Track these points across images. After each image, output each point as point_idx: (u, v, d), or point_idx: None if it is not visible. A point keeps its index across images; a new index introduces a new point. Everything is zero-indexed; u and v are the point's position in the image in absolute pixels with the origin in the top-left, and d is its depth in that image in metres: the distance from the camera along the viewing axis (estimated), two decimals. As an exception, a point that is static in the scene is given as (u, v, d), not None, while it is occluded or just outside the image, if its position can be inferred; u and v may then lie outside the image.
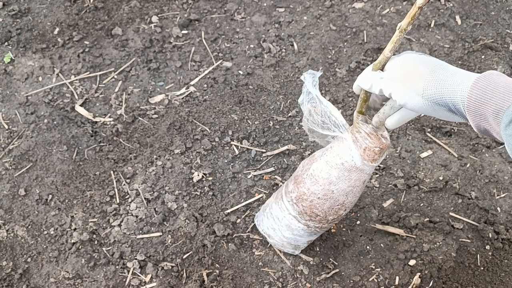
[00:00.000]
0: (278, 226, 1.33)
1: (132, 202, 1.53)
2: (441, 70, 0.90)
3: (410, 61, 0.94)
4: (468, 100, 0.83)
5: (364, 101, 1.09)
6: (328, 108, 1.15)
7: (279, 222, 1.32)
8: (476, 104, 0.82)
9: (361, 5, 1.99)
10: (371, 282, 1.39)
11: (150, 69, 1.82)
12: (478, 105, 0.82)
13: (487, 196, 1.56)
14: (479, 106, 0.82)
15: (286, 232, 1.33)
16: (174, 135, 1.67)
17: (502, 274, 1.43)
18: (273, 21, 1.95)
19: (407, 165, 1.61)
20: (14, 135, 1.67)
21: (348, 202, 1.21)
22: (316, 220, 1.25)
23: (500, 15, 2.00)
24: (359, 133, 1.11)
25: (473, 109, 0.83)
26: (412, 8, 0.91)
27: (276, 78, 1.80)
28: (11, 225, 1.50)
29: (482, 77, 0.84)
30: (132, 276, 1.41)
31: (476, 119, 0.84)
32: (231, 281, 1.40)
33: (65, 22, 1.94)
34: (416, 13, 0.91)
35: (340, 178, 1.16)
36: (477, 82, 0.83)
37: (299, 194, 1.23)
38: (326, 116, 1.15)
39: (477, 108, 0.83)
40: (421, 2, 0.89)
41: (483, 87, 0.82)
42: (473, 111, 0.83)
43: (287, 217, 1.29)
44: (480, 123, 0.84)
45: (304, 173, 1.22)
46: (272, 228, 1.36)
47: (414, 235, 1.46)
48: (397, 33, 0.94)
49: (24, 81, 1.79)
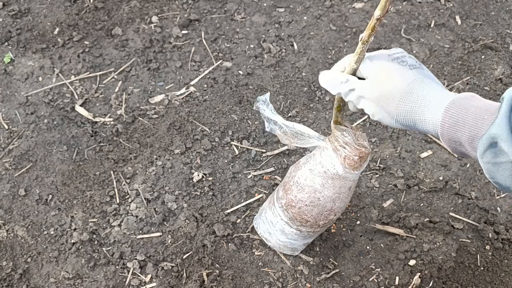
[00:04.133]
0: (273, 231, 1.33)
1: (132, 202, 1.53)
2: (415, 91, 0.87)
3: (385, 75, 0.90)
4: (441, 127, 0.82)
5: (338, 111, 1.09)
6: (295, 128, 1.15)
7: (273, 226, 1.32)
8: (450, 131, 0.81)
9: (361, 5, 1.99)
10: (371, 282, 1.39)
11: (150, 69, 1.82)
12: (452, 132, 0.81)
13: (487, 196, 1.56)
14: (453, 134, 0.81)
15: (281, 236, 1.33)
16: (174, 135, 1.67)
17: (502, 274, 1.43)
18: (273, 21, 1.95)
19: (407, 165, 1.61)
20: (14, 135, 1.67)
21: (336, 208, 1.21)
22: (307, 225, 1.25)
23: (500, 15, 2.00)
24: (337, 142, 1.11)
25: (447, 136, 0.82)
26: (371, 19, 0.89)
27: (276, 78, 1.80)
28: (11, 225, 1.50)
29: (452, 104, 0.81)
30: (132, 276, 1.41)
31: (452, 145, 0.83)
32: (231, 281, 1.40)
33: (65, 22, 1.94)
34: (375, 25, 0.89)
35: (324, 185, 1.15)
36: (447, 110, 0.81)
37: (288, 201, 1.23)
38: (299, 135, 1.16)
39: (451, 136, 0.81)
40: (378, 14, 0.87)
41: (454, 114, 0.80)
42: (448, 138, 0.82)
43: (279, 222, 1.29)
44: (456, 148, 0.83)
45: (290, 180, 1.22)
46: (268, 232, 1.36)
47: (414, 235, 1.46)
48: (360, 44, 0.92)
49: (24, 81, 1.79)
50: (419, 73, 0.90)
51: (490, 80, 1.81)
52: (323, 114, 1.71)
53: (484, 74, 1.82)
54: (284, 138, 1.18)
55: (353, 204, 1.53)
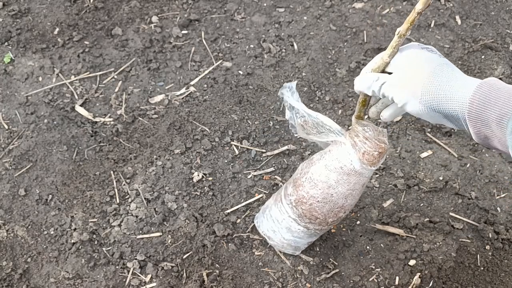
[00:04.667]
0: (278, 228, 1.33)
1: (132, 202, 1.53)
2: (442, 73, 0.89)
3: (412, 60, 0.93)
4: (469, 106, 0.82)
5: (362, 106, 1.09)
6: (319, 119, 1.15)
7: (279, 224, 1.32)
8: (479, 109, 0.81)
9: (361, 5, 1.99)
10: (371, 282, 1.39)
11: (150, 69, 1.82)
12: (481, 110, 0.81)
13: (487, 196, 1.56)
14: (482, 112, 0.81)
15: (286, 234, 1.33)
16: (174, 135, 1.67)
17: (502, 274, 1.43)
18: (273, 21, 1.95)
19: (407, 165, 1.61)
20: (14, 135, 1.67)
21: (347, 205, 1.21)
22: (315, 223, 1.25)
23: (500, 15, 2.00)
24: (357, 137, 1.11)
25: (474, 115, 0.82)
26: (411, 13, 0.91)
27: (276, 78, 1.80)
28: (11, 225, 1.50)
29: (484, 83, 0.82)
30: (132, 276, 1.41)
31: (477, 126, 0.82)
32: (231, 281, 1.40)
33: (65, 22, 1.94)
34: (415, 19, 0.90)
35: (339, 181, 1.16)
36: (479, 87, 0.82)
37: (298, 198, 1.23)
38: (320, 126, 1.15)
39: (479, 114, 0.81)
40: (420, 8, 0.88)
41: (486, 92, 0.81)
42: (475, 117, 0.82)
43: (286, 219, 1.29)
44: (481, 129, 0.82)
45: (302, 176, 1.22)
46: (272, 230, 1.36)
47: (414, 235, 1.46)
48: (396, 38, 0.94)
49: (24, 81, 1.79)
50: (447, 61, 0.92)
51: (490, 80, 1.81)
52: (323, 114, 1.71)
53: (484, 74, 1.82)
54: (302, 129, 1.17)
55: (353, 204, 1.53)
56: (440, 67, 0.89)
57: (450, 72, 0.89)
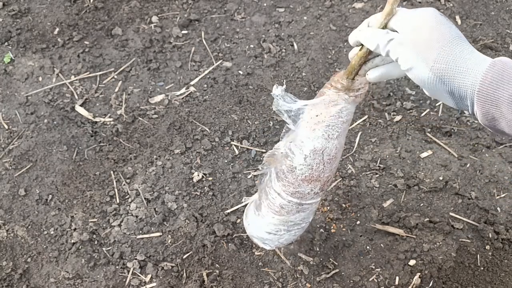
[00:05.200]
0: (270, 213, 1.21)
1: (132, 202, 1.53)
2: (459, 44, 0.82)
3: (427, 22, 0.84)
4: (481, 83, 0.76)
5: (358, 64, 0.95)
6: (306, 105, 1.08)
7: (272, 206, 1.19)
8: (490, 88, 0.76)
9: (361, 5, 1.99)
10: (371, 282, 1.39)
11: (150, 69, 1.82)
12: (492, 89, 0.76)
13: (487, 196, 1.56)
14: (493, 91, 0.75)
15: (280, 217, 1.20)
16: (174, 135, 1.67)
17: (502, 274, 1.43)
18: (273, 21, 1.95)
19: (407, 165, 1.61)
20: (14, 135, 1.67)
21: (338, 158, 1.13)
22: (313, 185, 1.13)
23: (500, 15, 2.00)
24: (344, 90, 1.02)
25: (485, 93, 0.76)
26: None
27: (276, 78, 1.80)
28: (11, 225, 1.50)
29: (498, 61, 0.77)
30: (132, 276, 1.41)
31: (486, 105, 0.77)
32: (231, 281, 1.40)
33: (65, 22, 1.94)
34: None
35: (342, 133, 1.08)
36: (493, 65, 0.77)
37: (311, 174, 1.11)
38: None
39: (490, 93, 0.76)
40: None
41: (500, 70, 0.76)
42: (485, 96, 0.76)
43: (277, 198, 1.17)
44: (490, 109, 0.77)
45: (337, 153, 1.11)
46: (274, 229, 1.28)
47: (414, 235, 1.46)
48: None
49: (24, 81, 1.79)
50: (462, 35, 0.86)
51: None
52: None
53: (484, 74, 1.82)
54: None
55: (353, 204, 1.53)
56: (459, 39, 0.82)
57: (468, 46, 0.82)
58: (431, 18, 0.85)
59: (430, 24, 0.84)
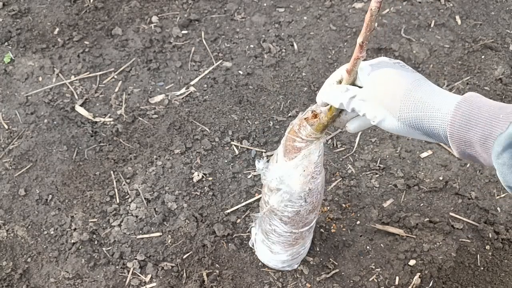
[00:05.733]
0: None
1: (132, 202, 1.53)
2: (420, 88, 0.82)
3: (386, 76, 0.86)
4: (450, 127, 0.76)
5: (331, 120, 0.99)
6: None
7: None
8: (460, 131, 0.76)
9: (361, 5, 1.99)
10: (371, 282, 1.39)
11: (150, 69, 1.82)
12: (463, 132, 0.75)
13: (487, 196, 1.56)
14: (464, 133, 0.75)
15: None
16: (174, 135, 1.67)
17: (502, 274, 1.43)
18: (273, 21, 1.95)
19: (407, 165, 1.61)
20: (14, 135, 1.67)
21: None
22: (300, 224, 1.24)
23: (500, 15, 2.00)
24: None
25: (456, 136, 0.76)
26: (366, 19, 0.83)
27: (276, 78, 1.80)
28: (11, 225, 1.50)
29: (463, 101, 0.77)
30: (132, 276, 1.41)
31: (461, 146, 0.77)
32: (231, 281, 1.40)
33: (65, 22, 1.94)
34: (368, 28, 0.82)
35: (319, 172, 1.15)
36: (459, 107, 0.76)
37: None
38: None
39: (462, 135, 0.76)
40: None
41: (467, 112, 0.75)
42: (457, 138, 0.76)
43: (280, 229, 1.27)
44: (465, 150, 0.77)
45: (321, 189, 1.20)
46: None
47: (414, 235, 1.46)
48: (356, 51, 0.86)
49: (24, 81, 1.79)
50: (421, 76, 0.87)
51: (490, 80, 1.81)
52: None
53: (484, 74, 1.82)
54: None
55: (353, 204, 1.53)
56: (417, 82, 0.83)
57: (428, 87, 0.83)
58: (388, 71, 0.86)
59: (389, 76, 0.85)
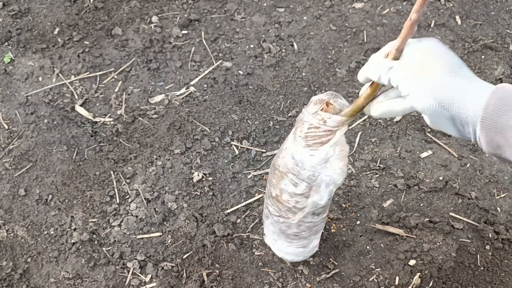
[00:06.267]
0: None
1: (132, 202, 1.53)
2: (460, 71, 0.82)
3: (431, 52, 0.85)
4: (484, 110, 0.75)
5: (364, 106, 0.97)
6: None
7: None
8: (494, 115, 0.74)
9: (361, 5, 1.99)
10: (371, 282, 1.39)
11: (150, 69, 1.82)
12: (496, 116, 0.74)
13: (487, 196, 1.56)
14: (497, 118, 0.74)
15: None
16: (174, 135, 1.67)
17: (502, 274, 1.43)
18: (273, 21, 1.95)
19: (407, 165, 1.61)
20: (14, 135, 1.67)
21: None
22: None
23: (500, 15, 2.00)
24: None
25: (488, 121, 0.75)
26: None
27: (276, 78, 1.80)
28: (11, 225, 1.50)
29: (501, 87, 0.77)
30: (132, 276, 1.41)
31: (491, 133, 0.75)
32: (231, 281, 1.40)
33: (65, 22, 1.94)
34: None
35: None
36: (495, 92, 0.76)
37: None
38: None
39: (494, 120, 0.74)
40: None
41: (502, 97, 0.75)
42: (489, 123, 0.75)
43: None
44: (494, 137, 0.75)
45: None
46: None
47: (414, 235, 1.46)
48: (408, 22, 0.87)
49: (24, 81, 1.79)
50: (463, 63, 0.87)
51: (490, 80, 1.81)
52: (323, 114, 1.71)
53: (484, 74, 1.82)
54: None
55: (353, 204, 1.53)
56: (460, 66, 0.82)
57: (469, 74, 0.82)
58: (432, 46, 0.85)
59: (432, 52, 0.85)
